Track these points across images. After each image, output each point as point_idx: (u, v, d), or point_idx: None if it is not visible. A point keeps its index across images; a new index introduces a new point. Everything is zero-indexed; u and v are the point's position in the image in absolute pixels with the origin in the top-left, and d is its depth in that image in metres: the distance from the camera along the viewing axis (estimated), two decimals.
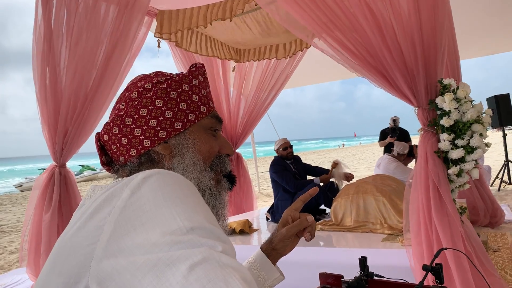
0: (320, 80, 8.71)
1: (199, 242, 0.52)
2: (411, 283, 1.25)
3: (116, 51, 3.07)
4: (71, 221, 0.67)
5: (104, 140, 0.89)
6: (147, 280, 0.48)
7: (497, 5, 5.01)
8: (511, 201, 5.81)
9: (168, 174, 0.64)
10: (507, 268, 3.08)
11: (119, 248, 0.54)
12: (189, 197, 0.61)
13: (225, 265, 0.49)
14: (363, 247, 2.98)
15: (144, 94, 0.85)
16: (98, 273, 0.54)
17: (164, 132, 0.85)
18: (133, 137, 0.85)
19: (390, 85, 2.50)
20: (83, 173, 21.63)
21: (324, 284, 1.36)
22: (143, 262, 0.50)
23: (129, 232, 0.55)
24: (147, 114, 0.84)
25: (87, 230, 0.60)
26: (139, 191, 0.60)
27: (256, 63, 5.24)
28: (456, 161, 2.43)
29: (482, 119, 2.44)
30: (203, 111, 0.90)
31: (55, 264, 0.63)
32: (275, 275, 1.12)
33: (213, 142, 0.91)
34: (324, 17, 2.53)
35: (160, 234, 0.53)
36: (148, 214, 0.56)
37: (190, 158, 0.85)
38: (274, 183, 4.52)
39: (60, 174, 3.12)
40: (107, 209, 0.60)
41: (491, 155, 13.04)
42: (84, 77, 2.98)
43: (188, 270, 0.47)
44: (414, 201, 2.42)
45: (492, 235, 4.06)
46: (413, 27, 2.37)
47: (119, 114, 0.86)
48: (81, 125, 3.03)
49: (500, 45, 6.95)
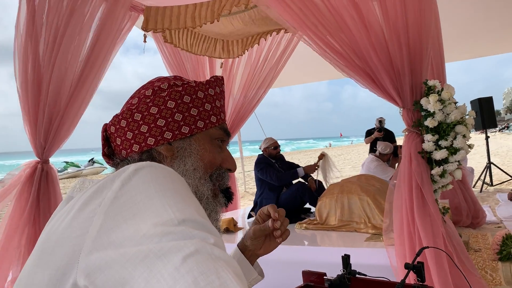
0: (308, 79, 8.74)
1: (191, 233, 0.51)
2: (393, 282, 1.26)
3: (100, 45, 3.04)
4: (57, 214, 0.66)
5: (110, 132, 0.89)
6: (138, 271, 0.47)
7: (480, 11, 5.09)
8: (492, 203, 5.91)
9: (160, 167, 0.64)
10: (487, 268, 3.13)
11: (109, 240, 0.53)
12: (180, 190, 0.61)
13: (217, 257, 0.49)
14: (347, 246, 3.00)
15: (158, 94, 0.86)
16: (87, 265, 0.53)
17: (170, 134, 0.85)
18: (139, 133, 0.85)
19: (376, 85, 2.52)
20: (67, 169, 21.33)
21: (307, 282, 1.36)
22: (134, 253, 0.49)
23: (120, 224, 0.54)
24: (157, 112, 0.84)
25: (77, 222, 0.59)
26: (130, 182, 0.59)
27: (243, 61, 5.23)
28: (439, 162, 2.46)
29: (465, 121, 2.47)
30: (213, 121, 0.90)
31: (41, 256, 0.61)
32: (252, 275, 1.11)
33: (216, 154, 0.91)
34: (311, 16, 2.53)
35: (151, 225, 0.52)
36: (139, 205, 0.55)
37: (191, 164, 0.85)
38: (259, 181, 4.52)
39: (42, 170, 3.07)
40: (97, 201, 0.59)
41: (474, 157, 13.25)
42: (67, 71, 2.94)
43: (180, 261, 0.47)
44: (398, 200, 2.44)
45: (474, 235, 4.13)
46: (400, 28, 2.39)
47: (130, 108, 0.86)
48: (63, 121, 2.99)
49: (483, 49, 7.07)
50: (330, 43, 2.56)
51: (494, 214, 5.11)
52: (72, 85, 3.00)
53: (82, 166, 22.29)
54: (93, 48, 3.04)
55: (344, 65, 2.56)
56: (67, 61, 2.94)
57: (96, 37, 3.03)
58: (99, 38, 3.04)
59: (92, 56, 3.05)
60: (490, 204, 5.81)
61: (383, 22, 2.42)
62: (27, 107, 2.93)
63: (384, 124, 7.17)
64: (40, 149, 3.04)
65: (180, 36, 4.26)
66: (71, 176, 20.94)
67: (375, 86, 2.52)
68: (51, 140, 3.03)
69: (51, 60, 2.88)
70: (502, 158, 14.15)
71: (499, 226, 4.45)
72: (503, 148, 19.64)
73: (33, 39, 2.84)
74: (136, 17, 3.77)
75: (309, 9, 2.52)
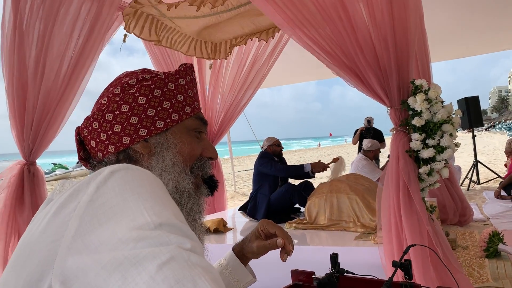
0: (296, 80, 8.77)
1: (167, 238, 0.50)
2: (381, 280, 1.26)
3: (87, 46, 3.02)
4: (36, 217, 0.64)
5: (84, 135, 0.86)
6: (113, 279, 0.46)
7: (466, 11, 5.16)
8: (479, 201, 5.99)
9: (137, 170, 0.63)
10: (474, 265, 3.17)
11: (84, 245, 0.52)
12: (157, 193, 0.59)
13: (194, 264, 0.48)
14: (336, 245, 3.02)
15: (128, 90, 0.83)
16: (62, 271, 0.52)
17: (145, 130, 0.83)
18: (113, 133, 0.82)
19: (363, 84, 2.54)
20: (55, 171, 21.10)
21: (295, 281, 1.37)
22: (108, 260, 0.48)
23: (95, 228, 0.53)
24: (128, 110, 0.82)
25: (51, 226, 0.57)
26: (105, 185, 0.58)
27: (232, 61, 5.22)
28: (427, 161, 2.48)
29: (452, 120, 2.50)
30: (187, 111, 0.88)
31: (17, 261, 0.60)
32: (247, 278, 1.11)
33: (195, 144, 0.88)
34: (299, 15, 2.54)
35: (127, 229, 0.51)
36: (115, 209, 0.54)
37: (170, 159, 0.83)
38: (258, 176, 4.50)
39: (29, 171, 3.04)
40: (73, 204, 0.58)
41: (461, 156, 13.42)
42: (55, 72, 2.91)
43: (155, 269, 0.46)
44: (386, 199, 2.46)
45: (461, 233, 4.17)
46: (386, 27, 2.40)
47: (100, 109, 0.83)
48: (52, 121, 2.97)
49: (469, 49, 7.16)
50: (318, 42, 2.57)
51: (481, 212, 5.17)
52: (60, 86, 2.97)
53: (70, 167, 22.09)
54: (81, 48, 3.01)
55: (332, 64, 2.57)
56: (54, 61, 2.91)
57: (83, 37, 3.01)
58: (86, 38, 3.01)
59: (80, 56, 3.02)
60: (477, 202, 5.88)
61: (370, 22, 2.44)
62: (13, 107, 2.90)
63: (373, 123, 7.23)
64: (27, 150, 3.01)
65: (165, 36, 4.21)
66: (59, 178, 20.73)
67: (363, 85, 2.54)
68: (39, 141, 3.00)
69: (38, 61, 2.86)
70: (489, 156, 14.35)
71: (486, 224, 4.51)
72: (490, 147, 19.92)
73: (19, 39, 2.80)
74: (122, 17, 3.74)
75: (297, 7, 2.53)
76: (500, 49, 7.37)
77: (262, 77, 5.13)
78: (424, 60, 2.76)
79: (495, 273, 2.94)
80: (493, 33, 6.22)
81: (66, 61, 2.97)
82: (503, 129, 34.91)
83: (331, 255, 1.30)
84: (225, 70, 5.28)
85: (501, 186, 6.03)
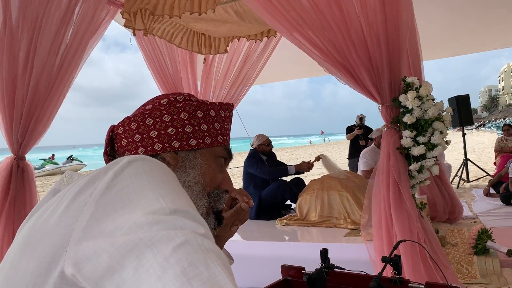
0: (288, 77, 8.76)
1: (182, 223, 0.51)
2: (370, 275, 1.27)
3: (76, 39, 2.99)
4: (43, 206, 0.65)
5: (117, 132, 0.89)
6: (127, 260, 0.47)
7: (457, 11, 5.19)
8: (468, 198, 6.04)
9: (153, 161, 0.64)
10: (463, 261, 3.20)
11: (99, 229, 0.52)
12: (172, 183, 0.61)
13: (207, 249, 0.49)
14: (327, 241, 3.03)
15: (173, 104, 0.88)
16: (75, 253, 0.52)
17: (178, 143, 0.86)
18: (147, 137, 0.86)
19: (355, 81, 2.54)
20: (45, 167, 20.94)
21: (285, 276, 1.37)
22: (123, 242, 0.49)
23: (111, 214, 0.53)
24: (169, 121, 0.86)
25: (67, 212, 0.58)
26: (122, 173, 0.59)
27: (225, 57, 5.20)
28: (417, 158, 2.50)
29: (442, 117, 2.52)
30: (219, 140, 0.92)
31: (26, 246, 0.60)
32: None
33: (218, 173, 0.92)
34: (293, 12, 2.54)
35: (143, 214, 0.52)
36: (131, 196, 0.55)
37: (193, 177, 0.86)
38: (247, 175, 4.52)
39: (18, 166, 3.01)
40: (89, 191, 0.58)
41: (451, 154, 13.52)
42: (45, 66, 2.88)
43: (170, 251, 0.46)
44: (376, 196, 2.48)
45: (451, 230, 4.21)
46: (379, 25, 2.41)
47: (143, 113, 0.87)
48: (41, 115, 2.94)
49: (459, 48, 7.20)
50: (311, 39, 2.57)
51: (470, 209, 5.22)
52: (50, 80, 2.94)
53: (61, 163, 21.93)
54: (71, 42, 2.98)
55: (324, 61, 2.57)
56: (44, 55, 2.87)
57: (74, 31, 2.98)
58: (76, 31, 2.98)
59: (71, 50, 2.99)
60: (467, 199, 5.93)
61: (362, 20, 2.44)
62: (3, 101, 2.86)
63: (365, 121, 7.25)
64: (16, 145, 2.97)
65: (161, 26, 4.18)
66: (49, 174, 20.57)
67: (355, 82, 2.55)
68: (29, 136, 2.97)
69: (28, 54, 2.82)
70: (478, 155, 14.49)
71: (475, 221, 4.55)
72: (479, 145, 20.11)
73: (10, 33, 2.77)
74: (115, 11, 3.71)
75: (291, 5, 2.52)
76: (490, 48, 7.42)
77: (255, 74, 5.12)
78: (415, 58, 2.78)
79: (483, 270, 2.97)
80: (483, 32, 6.27)
81: (56, 54, 2.94)
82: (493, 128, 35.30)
83: (321, 250, 1.30)
84: (217, 65, 5.25)
85: (490, 184, 6.10)
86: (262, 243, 3.09)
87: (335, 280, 1.28)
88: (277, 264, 1.49)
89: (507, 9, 5.22)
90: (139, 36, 4.53)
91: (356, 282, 1.29)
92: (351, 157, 7.26)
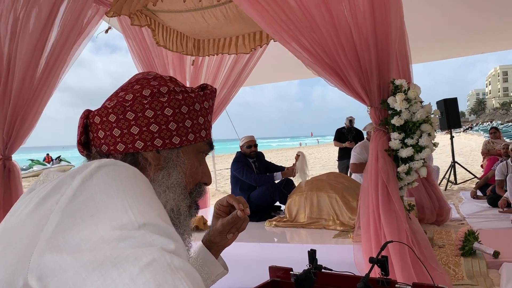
0: (278, 79, 8.78)
1: (151, 239, 0.49)
2: (358, 276, 1.27)
3: (63, 40, 2.96)
4: (16, 207, 0.62)
5: (93, 121, 0.82)
6: (92, 279, 0.45)
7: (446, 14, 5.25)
8: (456, 200, 6.10)
9: (124, 166, 0.61)
10: (450, 263, 3.23)
11: (65, 241, 0.50)
12: (144, 192, 0.58)
13: (176, 268, 0.47)
14: (315, 242, 3.04)
15: (157, 97, 0.82)
16: (39, 266, 0.50)
17: (161, 141, 0.81)
18: (128, 133, 0.80)
19: (344, 84, 2.55)
20: (32, 167, 20.68)
21: (273, 277, 1.37)
22: (89, 259, 0.47)
23: (77, 224, 0.51)
24: (152, 117, 0.80)
25: (32, 218, 0.55)
26: (90, 180, 0.56)
27: (213, 59, 5.19)
28: (405, 160, 2.51)
29: (430, 120, 2.54)
30: (202, 135, 0.88)
31: None
32: (218, 270, 1.09)
33: (198, 168, 0.89)
34: (282, 15, 2.54)
35: (110, 228, 0.49)
36: (99, 205, 0.52)
37: (175, 178, 0.82)
38: (234, 179, 4.50)
39: (4, 167, 2.97)
40: (55, 197, 0.55)
41: (439, 157, 13.64)
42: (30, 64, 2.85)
43: (137, 272, 0.45)
44: (365, 197, 2.49)
45: (438, 232, 4.24)
46: (368, 28, 2.42)
47: (123, 104, 0.80)
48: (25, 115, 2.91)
49: (447, 51, 7.28)
50: (300, 41, 2.57)
51: (457, 211, 5.27)
52: (36, 79, 2.91)
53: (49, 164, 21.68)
54: (58, 42, 2.96)
55: (313, 63, 2.58)
56: (28, 54, 2.84)
57: (59, 31, 2.95)
58: (62, 32, 2.96)
59: (57, 50, 2.96)
60: (454, 201, 5.99)
61: (351, 22, 2.45)
62: None
63: (354, 123, 7.29)
64: (2, 145, 2.94)
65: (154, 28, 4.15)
66: (36, 174, 20.32)
67: (344, 84, 2.56)
68: (15, 135, 2.93)
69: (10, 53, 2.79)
70: (466, 157, 14.65)
71: (462, 223, 4.60)
72: (467, 148, 20.33)
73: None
74: (104, 11, 3.68)
75: (280, 7, 2.53)
76: (477, 53, 7.51)
77: (245, 76, 5.12)
78: (404, 61, 2.80)
79: (470, 271, 3.00)
80: (471, 36, 6.34)
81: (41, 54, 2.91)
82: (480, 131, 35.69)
83: (309, 251, 1.30)
84: (206, 67, 5.24)
85: (477, 187, 6.16)
86: (251, 244, 3.09)
87: (323, 281, 1.28)
88: (266, 265, 1.48)
89: (495, 13, 5.29)
90: (128, 36, 4.51)
91: (343, 283, 1.29)
92: (341, 158, 7.27)
